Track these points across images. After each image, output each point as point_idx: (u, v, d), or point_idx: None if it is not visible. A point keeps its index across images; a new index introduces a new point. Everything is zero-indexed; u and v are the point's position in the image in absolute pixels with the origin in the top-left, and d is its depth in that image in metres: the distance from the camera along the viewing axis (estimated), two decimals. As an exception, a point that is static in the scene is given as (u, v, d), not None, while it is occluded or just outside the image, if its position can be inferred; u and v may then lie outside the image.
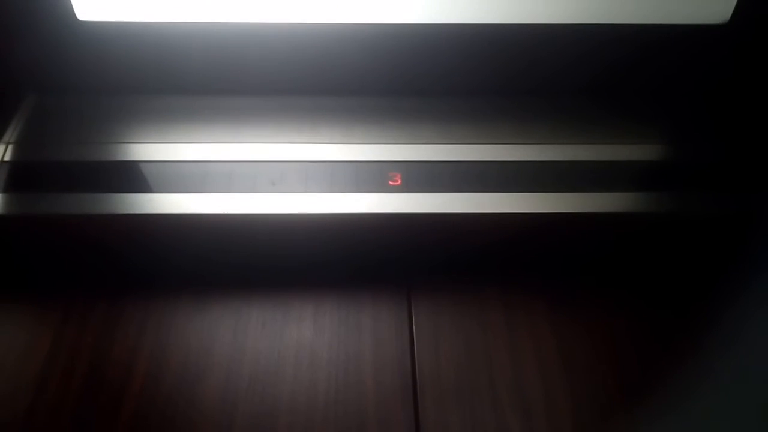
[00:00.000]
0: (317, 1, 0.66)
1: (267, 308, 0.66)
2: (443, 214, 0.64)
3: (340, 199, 0.64)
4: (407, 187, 0.65)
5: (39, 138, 0.69)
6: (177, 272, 0.68)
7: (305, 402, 0.60)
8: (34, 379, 0.61)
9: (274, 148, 0.68)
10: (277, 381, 0.61)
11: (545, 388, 0.61)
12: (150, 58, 0.70)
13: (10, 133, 0.69)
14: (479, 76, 0.73)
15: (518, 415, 0.60)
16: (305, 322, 0.65)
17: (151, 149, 0.67)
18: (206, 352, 0.63)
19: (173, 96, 0.72)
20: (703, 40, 0.70)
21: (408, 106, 0.72)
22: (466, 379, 0.62)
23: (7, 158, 0.66)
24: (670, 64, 0.73)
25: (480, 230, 0.66)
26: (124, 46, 0.68)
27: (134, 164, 0.66)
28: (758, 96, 0.73)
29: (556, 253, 0.69)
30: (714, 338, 0.65)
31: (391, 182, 0.65)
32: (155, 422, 0.59)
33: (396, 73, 0.72)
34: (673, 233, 0.68)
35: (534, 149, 0.68)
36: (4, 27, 0.67)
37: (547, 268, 0.69)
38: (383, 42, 0.69)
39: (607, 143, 0.69)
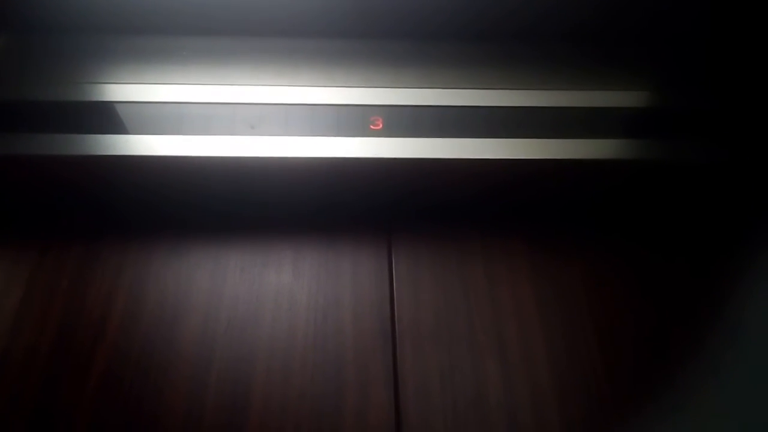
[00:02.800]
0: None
1: (246, 253, 0.66)
2: (425, 159, 0.63)
3: (320, 143, 0.63)
4: (389, 131, 0.64)
5: (13, 78, 0.67)
6: (154, 215, 0.67)
7: (284, 346, 0.60)
8: (10, 320, 0.61)
9: (253, 90, 0.66)
10: (256, 325, 0.61)
11: (522, 333, 0.61)
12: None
13: (-18, 73, 0.67)
14: (465, 18, 0.71)
15: (495, 359, 0.60)
16: (285, 267, 0.65)
17: (127, 90, 0.66)
18: (184, 295, 0.63)
19: (150, 36, 0.70)
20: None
21: (391, 49, 0.71)
22: (444, 324, 0.62)
23: (-22, 98, 0.65)
24: (659, 7, 0.71)
25: (461, 177, 0.66)
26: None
27: (110, 105, 0.65)
28: (751, 43, 0.72)
29: (536, 200, 0.69)
30: (700, 287, 0.65)
31: (372, 126, 0.64)
32: (132, 363, 0.59)
33: (379, 14, 0.70)
34: (660, 181, 0.67)
35: (520, 95, 0.67)
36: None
37: (527, 215, 0.69)
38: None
39: (595, 90, 0.68)
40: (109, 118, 0.64)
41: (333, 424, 0.56)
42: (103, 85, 0.66)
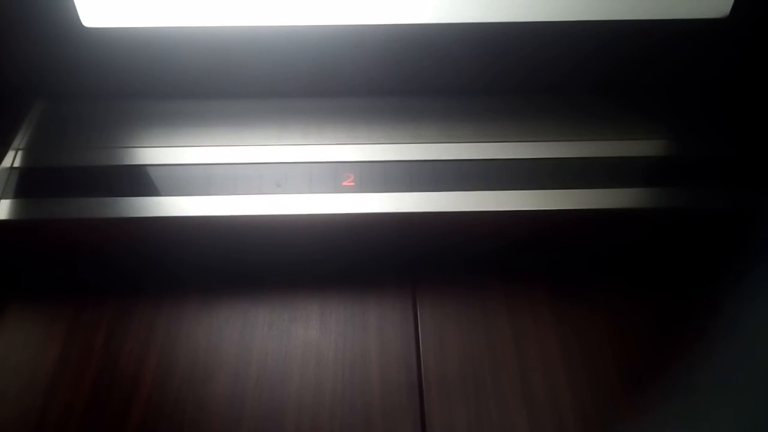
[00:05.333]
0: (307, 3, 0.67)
1: (274, 308, 0.67)
2: (448, 213, 0.64)
3: (343, 199, 0.65)
4: (413, 186, 0.66)
5: (48, 144, 0.70)
6: (184, 274, 0.69)
7: (312, 401, 0.61)
8: (46, 380, 0.62)
9: (278, 150, 0.68)
10: (284, 380, 0.62)
11: (549, 382, 0.62)
12: (154, 63, 0.71)
13: (20, 140, 0.70)
14: (487, 74, 0.73)
15: (523, 409, 0.60)
16: (311, 322, 0.66)
17: (157, 153, 0.68)
18: (214, 352, 0.64)
19: (178, 100, 0.73)
20: (704, 34, 0.70)
21: (418, 105, 0.73)
22: (470, 375, 0.62)
23: (17, 164, 0.68)
24: (674, 59, 0.73)
25: (485, 228, 0.67)
26: (128, 51, 0.69)
27: (141, 168, 0.67)
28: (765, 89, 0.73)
29: (557, 249, 0.70)
30: (721, 332, 0.65)
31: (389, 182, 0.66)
32: (164, 422, 0.60)
33: (404, 73, 0.73)
34: (683, 228, 0.68)
35: (540, 147, 0.69)
36: (12, 34, 0.68)
37: (549, 263, 0.70)
38: (390, 43, 0.70)
39: (604, 140, 0.69)
40: (141, 180, 0.66)
41: (363, 478, 0.57)
42: (134, 149, 0.69)
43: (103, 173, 0.67)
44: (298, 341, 0.65)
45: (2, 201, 0.65)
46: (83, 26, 0.67)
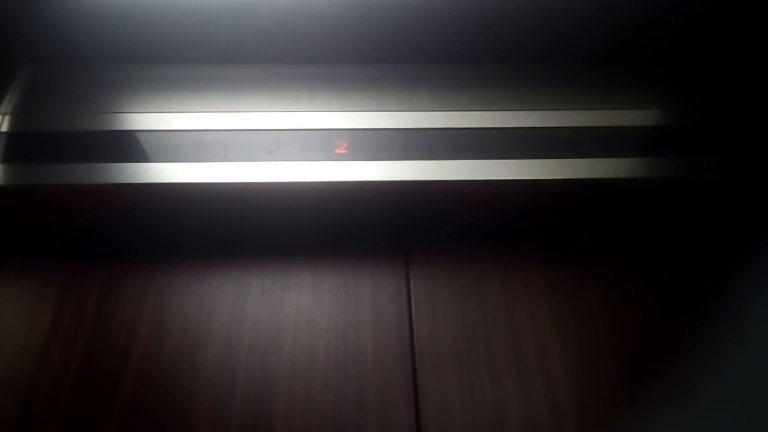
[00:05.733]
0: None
1: (266, 277, 0.67)
2: (440, 181, 0.64)
3: (335, 167, 0.64)
4: (405, 154, 0.65)
5: (36, 109, 0.69)
6: (176, 241, 0.68)
7: (305, 369, 0.61)
8: (37, 347, 0.62)
9: (270, 116, 0.67)
10: (277, 348, 0.62)
11: (541, 352, 0.62)
12: (145, 27, 0.69)
13: (7, 104, 0.68)
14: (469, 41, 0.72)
15: (515, 379, 0.60)
16: (304, 290, 0.66)
17: (148, 119, 0.67)
18: (206, 320, 0.64)
19: (168, 65, 0.72)
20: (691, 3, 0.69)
21: (411, 73, 0.72)
22: (463, 344, 0.62)
23: (4, 129, 0.67)
24: (662, 28, 0.72)
25: (478, 197, 0.67)
26: (119, 15, 0.68)
27: (132, 134, 0.67)
28: (760, 60, 0.72)
29: (550, 218, 0.70)
30: (714, 305, 0.66)
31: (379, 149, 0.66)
32: (157, 388, 0.60)
33: (397, 40, 0.72)
34: (675, 198, 0.68)
35: (535, 115, 0.68)
36: (-1, -2, 0.66)
37: (542, 232, 0.70)
38: (383, 9, 0.69)
39: (595, 109, 0.69)
40: (131, 146, 0.65)
41: (355, 445, 0.57)
42: (125, 114, 0.68)
43: (93, 139, 0.66)
44: (290, 309, 0.65)
45: (-10, 166, 0.64)
46: (72, -12, 0.65)
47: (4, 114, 0.68)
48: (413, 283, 0.66)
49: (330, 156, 0.65)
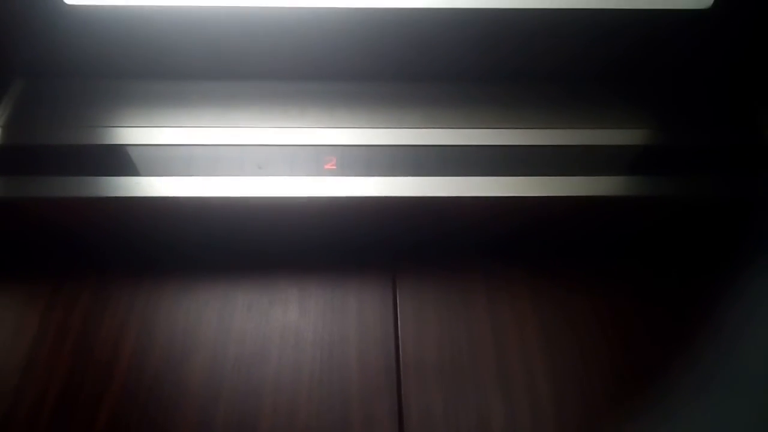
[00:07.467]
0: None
1: (253, 291, 0.67)
2: (429, 197, 0.64)
3: (324, 182, 0.64)
4: (395, 170, 0.66)
5: (27, 122, 0.69)
6: (163, 255, 0.68)
7: (290, 383, 0.61)
8: (22, 359, 0.62)
9: (260, 132, 0.68)
10: (263, 362, 0.62)
11: (527, 370, 0.62)
12: (136, 43, 0.70)
13: (-1, 117, 0.69)
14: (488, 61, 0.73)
15: (500, 396, 0.60)
16: (291, 305, 0.66)
17: (137, 133, 0.68)
18: (192, 333, 0.64)
19: (160, 80, 0.72)
20: (689, 24, 0.70)
21: (401, 91, 0.73)
22: (448, 360, 0.62)
23: (-4, 142, 0.67)
24: (660, 49, 0.73)
25: (467, 215, 0.67)
26: (110, 30, 0.69)
27: (121, 148, 0.67)
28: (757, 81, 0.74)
29: (536, 236, 0.70)
30: (698, 321, 0.66)
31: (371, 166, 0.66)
32: (141, 402, 0.59)
33: (388, 58, 0.73)
34: (663, 216, 0.69)
35: (525, 134, 0.69)
36: (-7, 12, 0.67)
37: (530, 250, 0.70)
38: (374, 27, 0.70)
39: (584, 128, 0.70)
40: (121, 160, 0.66)
41: (340, 459, 0.57)
42: (114, 128, 0.68)
43: (83, 152, 0.66)
44: (276, 323, 0.65)
45: (-20, 179, 0.64)
46: (65, 3, 0.66)
47: (-4, 127, 0.68)
48: (400, 298, 0.66)
49: (319, 171, 0.65)
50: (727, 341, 0.64)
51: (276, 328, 0.64)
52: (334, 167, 0.66)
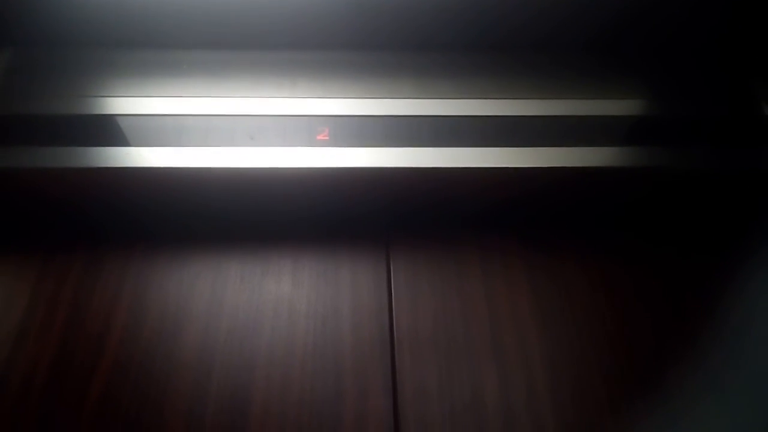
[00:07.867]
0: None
1: (246, 262, 0.66)
2: (422, 168, 0.64)
3: (316, 153, 0.64)
4: (387, 141, 0.65)
5: (16, 92, 0.68)
6: (155, 226, 0.68)
7: (283, 355, 0.61)
8: (13, 330, 0.61)
9: (252, 102, 0.67)
10: (255, 334, 0.62)
11: (521, 340, 0.62)
12: (126, 11, 0.69)
13: (-15, 87, 0.68)
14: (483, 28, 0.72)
15: (494, 367, 0.60)
16: (284, 276, 0.66)
17: (128, 103, 0.67)
18: (184, 305, 0.63)
19: (150, 49, 0.71)
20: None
21: (393, 60, 0.72)
22: (442, 332, 0.62)
23: (-18, 112, 0.66)
24: (655, 19, 0.72)
25: (461, 185, 0.67)
26: (99, -2, 0.67)
27: (111, 118, 0.66)
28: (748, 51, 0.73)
29: (530, 207, 0.70)
30: (700, 299, 0.66)
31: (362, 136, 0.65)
32: (133, 374, 0.59)
33: (381, 26, 0.71)
34: (663, 188, 0.68)
35: (519, 104, 0.68)
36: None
37: (522, 222, 0.70)
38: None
39: (578, 99, 0.69)
40: (111, 130, 0.65)
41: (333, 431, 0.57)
42: (104, 98, 0.67)
43: (72, 122, 0.65)
44: (270, 295, 0.64)
45: (-32, 149, 0.63)
46: (53, -30, 0.65)
47: (-18, 97, 0.67)
48: (394, 270, 0.66)
49: (312, 142, 0.65)
50: (721, 311, 0.64)
51: (269, 300, 0.64)
52: (327, 138, 0.65)
